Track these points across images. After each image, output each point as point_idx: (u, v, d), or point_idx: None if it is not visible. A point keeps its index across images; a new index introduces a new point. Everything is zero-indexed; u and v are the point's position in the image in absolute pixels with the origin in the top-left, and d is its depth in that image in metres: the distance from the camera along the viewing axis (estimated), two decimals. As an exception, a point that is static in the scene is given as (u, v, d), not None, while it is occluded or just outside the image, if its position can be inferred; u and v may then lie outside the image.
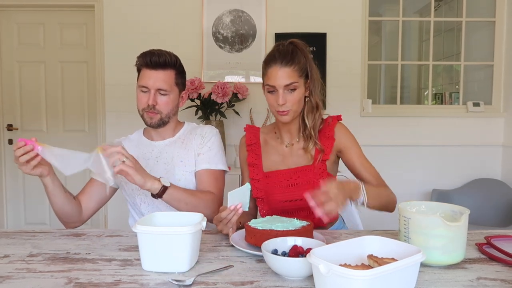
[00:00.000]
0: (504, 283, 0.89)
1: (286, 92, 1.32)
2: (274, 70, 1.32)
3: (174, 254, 0.94)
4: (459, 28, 3.57)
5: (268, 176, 1.43)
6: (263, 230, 1.07)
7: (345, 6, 3.27)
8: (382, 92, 4.91)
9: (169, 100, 1.47)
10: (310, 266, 0.87)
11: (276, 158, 1.45)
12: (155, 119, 1.47)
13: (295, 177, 1.39)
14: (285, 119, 1.36)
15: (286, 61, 1.31)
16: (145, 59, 1.44)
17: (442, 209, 1.11)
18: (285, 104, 1.32)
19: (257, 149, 1.48)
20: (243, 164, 1.53)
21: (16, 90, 3.53)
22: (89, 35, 3.46)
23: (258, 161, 1.46)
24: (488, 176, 3.31)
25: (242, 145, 1.54)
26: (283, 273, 0.91)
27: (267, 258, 0.93)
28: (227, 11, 3.27)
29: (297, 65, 1.32)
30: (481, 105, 3.34)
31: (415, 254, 0.80)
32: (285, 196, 1.38)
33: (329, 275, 0.73)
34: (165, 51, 1.48)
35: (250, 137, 1.50)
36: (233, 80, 3.25)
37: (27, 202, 3.61)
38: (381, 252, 0.87)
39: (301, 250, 0.96)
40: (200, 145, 1.50)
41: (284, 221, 1.15)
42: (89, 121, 3.53)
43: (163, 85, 1.44)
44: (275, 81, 1.32)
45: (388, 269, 0.74)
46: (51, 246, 1.15)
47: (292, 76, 1.31)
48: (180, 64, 1.51)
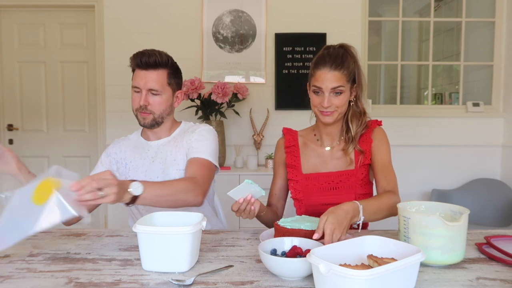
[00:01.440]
0: (503, 283, 0.89)
1: (332, 94, 1.35)
2: (323, 72, 1.34)
3: (173, 254, 0.94)
4: (459, 28, 3.57)
5: (308, 178, 1.45)
6: (291, 229, 1.08)
7: (345, 6, 3.27)
8: (382, 92, 4.91)
9: (162, 100, 1.46)
10: (307, 266, 0.87)
11: (316, 160, 1.47)
12: (148, 119, 1.47)
13: (337, 180, 1.41)
14: (328, 120, 1.38)
15: (336, 64, 1.33)
16: (136, 60, 1.45)
17: (442, 209, 1.11)
18: (330, 106, 1.35)
19: (296, 151, 1.50)
20: (277, 166, 1.55)
21: (16, 90, 3.53)
22: (89, 35, 3.46)
23: (297, 162, 1.48)
24: (488, 176, 3.31)
25: (279, 147, 1.55)
26: (280, 274, 0.91)
27: (263, 259, 0.93)
28: (227, 11, 3.27)
29: (346, 70, 1.34)
30: (480, 105, 3.35)
31: (415, 254, 0.80)
32: (325, 199, 1.40)
33: (329, 275, 0.73)
34: (157, 51, 1.47)
35: (289, 139, 1.52)
36: (233, 80, 3.25)
37: (27, 202, 3.61)
38: (381, 252, 0.87)
39: (300, 251, 0.96)
40: (189, 140, 1.49)
41: (312, 220, 1.15)
42: (89, 121, 3.53)
43: (155, 85, 1.44)
44: (323, 83, 1.33)
45: (388, 269, 0.74)
46: (51, 246, 1.15)
47: (340, 79, 1.34)
48: (172, 63, 1.50)
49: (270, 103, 3.29)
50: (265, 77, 3.29)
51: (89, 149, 3.53)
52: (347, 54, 1.38)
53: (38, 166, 3.56)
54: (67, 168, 1.05)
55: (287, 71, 3.27)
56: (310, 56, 3.24)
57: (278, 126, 3.27)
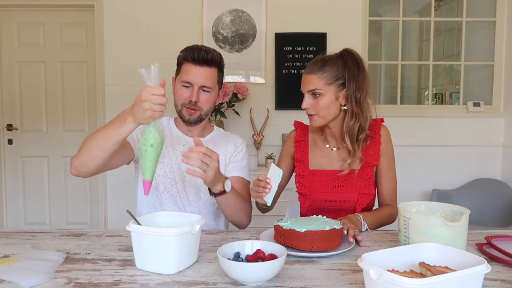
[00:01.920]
0: (504, 283, 0.89)
1: (310, 96, 1.40)
2: (303, 77, 1.43)
3: (160, 255, 0.93)
4: (459, 28, 3.57)
5: (315, 174, 1.48)
6: (291, 230, 1.08)
7: (345, 6, 3.27)
8: (382, 92, 4.91)
9: (211, 97, 1.46)
10: (267, 271, 0.85)
11: (323, 159, 1.50)
12: (194, 115, 1.45)
13: (342, 179, 1.44)
14: (312, 123, 1.44)
15: (314, 69, 1.39)
16: (192, 54, 1.41)
17: (442, 209, 1.11)
18: (308, 108, 1.41)
19: (305, 146, 1.53)
20: (283, 155, 1.58)
21: (16, 90, 3.53)
22: (89, 35, 3.46)
23: (305, 158, 1.51)
24: (488, 176, 3.31)
25: (290, 139, 1.58)
26: (240, 279, 0.88)
27: (222, 264, 0.89)
28: (227, 11, 3.27)
29: (326, 73, 1.38)
30: (481, 105, 3.34)
31: (478, 265, 0.72)
32: (329, 196, 1.44)
33: (380, 281, 0.69)
34: (211, 48, 1.46)
35: (300, 134, 1.56)
36: (233, 80, 3.25)
37: (27, 202, 3.61)
38: (434, 260, 0.81)
39: (262, 255, 0.95)
40: (233, 153, 1.53)
41: (310, 222, 1.13)
42: (89, 121, 3.53)
43: (208, 82, 1.43)
44: (302, 86, 1.43)
45: (445, 279, 0.67)
46: (51, 246, 1.14)
47: (316, 83, 1.38)
48: (223, 62, 1.50)
49: (270, 103, 3.29)
50: (265, 77, 3.29)
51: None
52: (338, 59, 1.40)
53: (37, 166, 3.57)
54: (67, 168, 1.06)
55: (287, 71, 3.27)
56: (310, 56, 3.24)
57: (278, 126, 3.31)
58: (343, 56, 1.41)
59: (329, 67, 1.38)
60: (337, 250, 1.06)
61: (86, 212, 3.59)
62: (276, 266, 0.87)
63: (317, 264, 1.01)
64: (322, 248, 1.05)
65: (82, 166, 1.20)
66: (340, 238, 1.10)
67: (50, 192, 3.59)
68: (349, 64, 1.39)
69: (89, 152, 1.16)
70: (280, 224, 1.12)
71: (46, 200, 3.60)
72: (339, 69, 1.38)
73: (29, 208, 3.61)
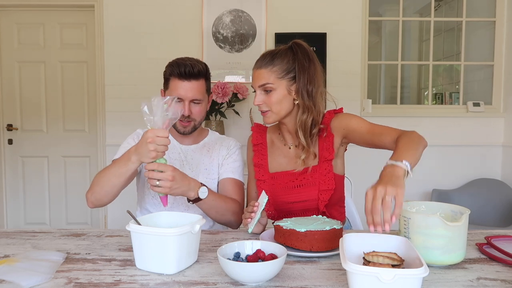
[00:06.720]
0: (504, 283, 0.89)
1: (262, 92, 1.34)
2: (253, 72, 1.37)
3: (160, 255, 0.93)
4: (459, 28, 3.57)
5: (274, 177, 1.41)
6: (291, 230, 1.07)
7: (345, 6, 3.26)
8: (382, 92, 4.91)
9: (202, 107, 1.48)
10: (267, 271, 0.86)
11: (282, 159, 1.44)
12: (188, 127, 1.48)
13: (301, 178, 1.37)
14: (265, 120, 1.37)
15: (264, 62, 1.33)
16: (178, 70, 1.41)
17: (442, 209, 1.11)
18: (260, 104, 1.34)
19: (263, 149, 1.47)
20: (249, 164, 1.53)
21: (16, 90, 3.52)
22: (89, 35, 3.46)
23: (264, 161, 1.45)
24: (488, 176, 3.31)
25: (249, 145, 1.53)
26: (240, 279, 0.88)
27: (222, 264, 0.89)
28: (227, 11, 3.27)
29: (276, 66, 1.31)
30: (481, 105, 3.34)
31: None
32: (291, 197, 1.37)
33: (395, 279, 0.73)
34: (195, 59, 1.46)
35: (257, 137, 1.50)
36: (233, 80, 3.25)
37: (27, 202, 3.61)
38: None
39: (262, 255, 0.95)
40: (225, 156, 1.53)
41: (311, 222, 1.13)
42: (89, 121, 3.53)
43: (198, 94, 1.44)
44: (252, 82, 1.37)
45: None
46: (51, 246, 1.15)
47: (267, 78, 1.31)
48: (209, 71, 1.50)
49: (270, 103, 3.28)
50: (265, 77, 3.29)
51: (89, 149, 3.53)
52: (285, 52, 1.34)
53: (38, 166, 3.57)
54: (67, 168, 1.09)
55: (287, 71, 3.26)
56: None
57: (278, 126, 3.29)
58: (293, 48, 1.34)
59: (279, 60, 1.32)
60: (337, 250, 1.06)
61: (86, 212, 3.59)
62: (276, 266, 0.87)
63: (317, 264, 1.01)
64: (322, 248, 1.05)
65: (98, 201, 1.37)
66: (340, 238, 1.10)
67: (50, 192, 3.59)
68: (299, 56, 1.32)
69: (102, 189, 1.32)
70: (280, 224, 1.12)
71: (46, 200, 3.60)
72: (289, 62, 1.32)
73: (29, 208, 3.61)
